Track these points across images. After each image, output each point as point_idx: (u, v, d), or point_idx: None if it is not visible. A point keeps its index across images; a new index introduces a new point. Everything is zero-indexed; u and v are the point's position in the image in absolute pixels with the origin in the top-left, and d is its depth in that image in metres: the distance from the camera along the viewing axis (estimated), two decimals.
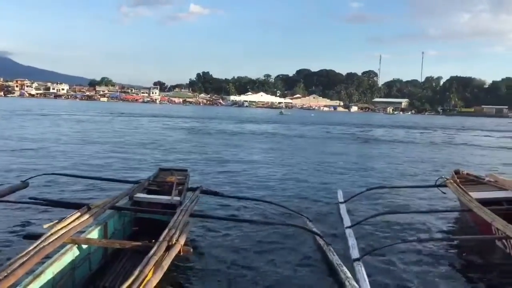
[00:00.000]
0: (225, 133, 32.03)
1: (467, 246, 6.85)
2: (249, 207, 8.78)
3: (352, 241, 6.41)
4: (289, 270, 5.72)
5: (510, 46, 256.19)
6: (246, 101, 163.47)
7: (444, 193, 9.18)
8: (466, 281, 5.67)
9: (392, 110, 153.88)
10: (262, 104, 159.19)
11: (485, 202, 7.46)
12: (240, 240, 6.80)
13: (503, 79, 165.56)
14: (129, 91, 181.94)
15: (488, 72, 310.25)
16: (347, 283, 4.85)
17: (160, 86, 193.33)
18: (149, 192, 7.29)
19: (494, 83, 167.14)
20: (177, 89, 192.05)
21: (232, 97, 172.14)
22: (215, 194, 8.16)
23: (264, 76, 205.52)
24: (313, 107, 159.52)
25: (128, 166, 13.80)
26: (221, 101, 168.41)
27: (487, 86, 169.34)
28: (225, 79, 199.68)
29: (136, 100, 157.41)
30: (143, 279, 3.59)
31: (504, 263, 6.13)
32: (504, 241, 6.15)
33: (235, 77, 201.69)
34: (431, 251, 6.58)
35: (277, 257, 6.14)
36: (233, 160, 16.65)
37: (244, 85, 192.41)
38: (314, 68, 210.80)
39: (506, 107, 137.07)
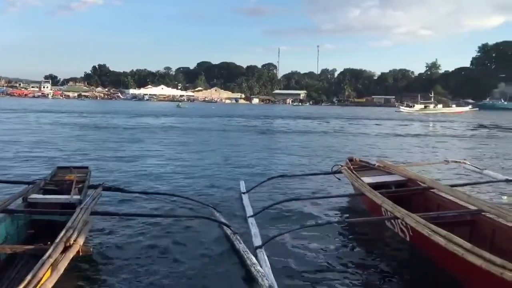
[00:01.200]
0: (124, 128, 30.99)
1: (361, 227, 7.37)
2: (155, 202, 8.63)
3: (254, 230, 6.60)
4: (197, 260, 5.78)
5: (396, 41, 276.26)
6: (147, 94, 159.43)
7: (339, 179, 9.77)
8: (360, 259, 6.10)
9: (292, 102, 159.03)
10: (164, 98, 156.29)
11: (375, 186, 8.06)
12: (145, 236, 6.69)
13: (390, 71, 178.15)
14: (17, 85, 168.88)
15: (377, 64, 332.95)
16: (252, 269, 5.03)
17: (52, 79, 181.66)
18: (46, 192, 6.90)
19: (382, 74, 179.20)
20: (71, 83, 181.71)
21: (132, 91, 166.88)
22: (119, 190, 7.93)
23: (165, 69, 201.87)
24: (215, 100, 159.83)
25: (19, 166, 12.87)
26: (119, 94, 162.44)
27: (376, 78, 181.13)
28: (124, 72, 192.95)
29: (26, 95, 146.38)
30: (37, 284, 3.42)
31: (392, 241, 6.68)
32: (392, 221, 6.69)
33: (134, 70, 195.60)
34: (327, 234, 6.98)
35: (185, 249, 6.16)
36: (135, 155, 16.22)
37: (143, 78, 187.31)
38: (215, 60, 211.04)
39: (393, 97, 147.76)
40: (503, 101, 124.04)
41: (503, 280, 3.76)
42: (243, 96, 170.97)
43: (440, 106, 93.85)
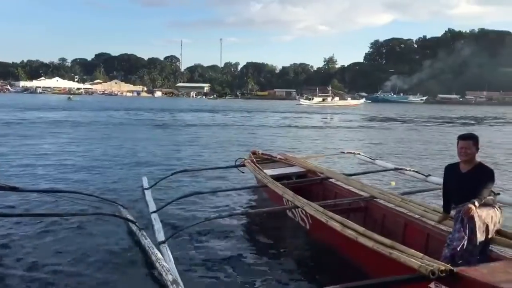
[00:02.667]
0: (9, 122, 28.57)
1: (264, 218, 7.56)
2: (57, 200, 8.12)
3: (157, 225, 6.51)
4: (102, 259, 5.61)
5: (296, 35, 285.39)
6: (40, 87, 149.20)
7: (243, 172, 9.91)
8: (262, 248, 6.25)
9: (196, 95, 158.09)
10: (59, 91, 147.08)
11: (277, 178, 8.31)
12: (46, 237, 6.32)
13: (291, 65, 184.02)
14: None
15: (279, 58, 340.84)
16: (157, 265, 4.98)
17: None
18: None
19: (284, 68, 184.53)
20: None
21: (23, 83, 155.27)
22: (13, 189, 7.32)
23: (60, 60, 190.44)
24: (116, 93, 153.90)
25: None
26: (9, 87, 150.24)
27: (278, 71, 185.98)
28: (13, 62, 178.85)
29: None
30: None
31: (294, 229, 6.94)
32: (293, 210, 6.96)
33: (25, 61, 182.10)
34: (231, 226, 7.08)
35: (89, 248, 5.93)
36: (27, 152, 15.15)
37: (36, 69, 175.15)
38: (115, 52, 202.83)
39: (294, 90, 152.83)
40: (392, 94, 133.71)
41: (392, 259, 4.06)
42: (145, 89, 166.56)
43: (337, 99, 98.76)
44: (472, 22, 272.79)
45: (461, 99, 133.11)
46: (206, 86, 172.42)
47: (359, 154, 10.90)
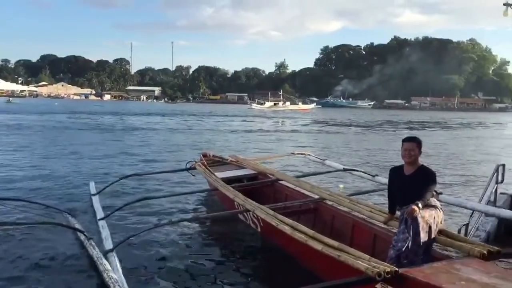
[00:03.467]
0: None
1: (215, 222, 7.52)
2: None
3: (105, 233, 6.31)
4: (49, 271, 5.38)
5: (248, 40, 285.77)
6: None
7: (194, 175, 9.82)
8: (214, 253, 6.22)
9: (146, 98, 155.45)
10: (1, 93, 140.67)
11: (228, 181, 8.28)
12: None
13: (243, 69, 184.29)
14: None
15: (231, 63, 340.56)
16: (105, 275, 4.81)
17: None
18: None
19: (236, 72, 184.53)
20: None
21: None
22: None
23: (2, 61, 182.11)
24: (62, 96, 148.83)
25: None
26: None
27: (230, 76, 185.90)
28: None
29: None
30: None
31: (245, 233, 6.94)
32: (244, 213, 6.94)
33: None
34: (182, 231, 6.99)
35: (35, 259, 5.67)
36: None
37: None
38: (61, 53, 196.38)
39: (246, 94, 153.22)
40: (342, 99, 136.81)
41: (340, 261, 4.13)
42: (93, 92, 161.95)
43: (288, 103, 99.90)
44: (417, 31, 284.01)
45: (406, 105, 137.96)
46: (157, 90, 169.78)
47: (309, 155, 11.06)
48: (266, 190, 8.37)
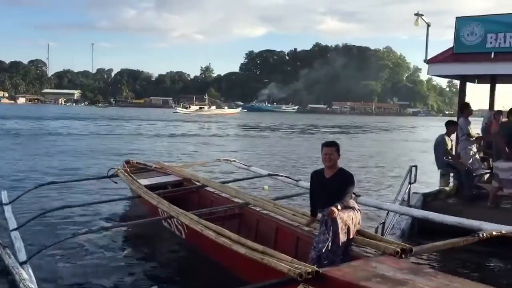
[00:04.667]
0: None
1: (139, 230, 7.34)
2: None
3: (18, 244, 5.93)
4: None
5: (173, 43, 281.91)
6: None
7: (116, 182, 9.51)
8: (138, 261, 6.07)
9: (65, 102, 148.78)
10: None
11: (152, 188, 8.12)
12: None
13: (167, 73, 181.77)
14: None
15: (155, 66, 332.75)
16: (21, 285, 4.58)
17: None
18: None
19: (160, 76, 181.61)
20: None
21: None
22: None
23: None
24: None
25: None
26: None
27: (154, 79, 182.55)
28: None
29: None
30: None
31: (170, 240, 6.85)
32: (169, 220, 6.83)
33: None
34: (103, 240, 6.77)
35: None
36: None
37: None
38: None
39: (171, 98, 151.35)
40: (267, 103, 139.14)
41: (264, 264, 4.20)
42: (6, 95, 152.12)
43: (213, 107, 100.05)
44: (338, 37, 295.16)
45: (328, 109, 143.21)
46: (76, 93, 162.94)
47: (234, 161, 11.11)
48: (191, 197, 8.31)
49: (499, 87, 10.55)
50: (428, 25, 9.13)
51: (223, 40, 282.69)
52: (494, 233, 4.92)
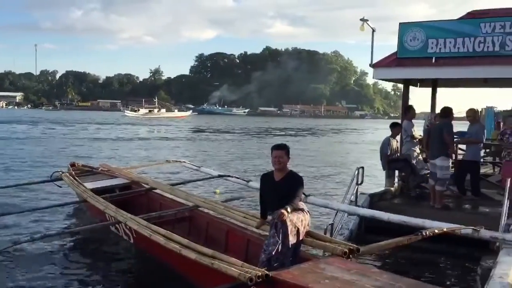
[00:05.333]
0: None
1: (85, 235, 7.11)
2: None
3: None
4: None
5: (121, 45, 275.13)
6: None
7: (60, 186, 9.19)
8: (84, 269, 5.88)
9: (6, 105, 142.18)
10: None
11: (99, 191, 7.89)
12: None
13: (115, 75, 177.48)
14: None
15: (102, 68, 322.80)
16: None
17: None
18: None
19: (108, 78, 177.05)
20: None
21: None
22: None
23: None
24: None
25: None
26: None
27: (101, 81, 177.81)
28: None
29: None
30: None
31: (118, 245, 6.68)
32: (116, 225, 6.64)
33: None
34: (47, 248, 6.50)
35: None
36: None
37: None
38: None
39: (119, 101, 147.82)
40: (217, 106, 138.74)
41: (213, 269, 4.16)
42: None
43: (163, 110, 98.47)
44: (288, 41, 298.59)
45: (278, 112, 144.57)
46: (18, 95, 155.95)
47: (184, 162, 11.00)
48: (140, 200, 8.14)
49: (440, 90, 11.02)
50: (373, 30, 9.37)
51: (173, 43, 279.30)
52: (436, 230, 5.12)
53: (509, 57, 7.91)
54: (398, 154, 8.71)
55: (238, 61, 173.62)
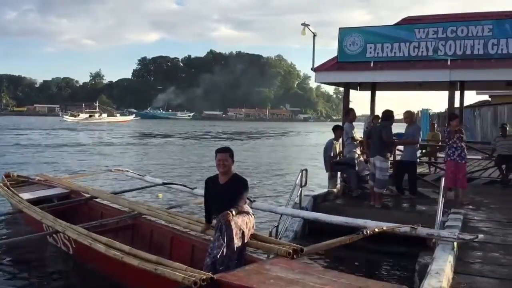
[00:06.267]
0: None
1: (21, 247, 6.75)
2: None
3: None
4: None
5: (60, 48, 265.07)
6: None
7: None
8: (21, 281, 5.59)
9: None
10: None
11: (36, 202, 7.55)
12: None
13: (53, 79, 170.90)
14: None
15: (39, 71, 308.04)
16: None
17: None
18: None
19: (45, 82, 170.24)
20: None
21: None
22: None
23: None
24: None
25: None
26: None
27: (38, 86, 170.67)
28: None
29: None
30: None
31: (56, 256, 6.40)
32: (54, 235, 6.38)
33: None
34: None
35: None
36: None
37: None
38: None
39: (58, 106, 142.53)
40: (162, 110, 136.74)
41: (157, 275, 4.08)
42: None
43: (105, 115, 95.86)
44: (233, 45, 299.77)
45: (224, 115, 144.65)
46: None
47: (127, 171, 10.74)
48: (80, 210, 7.86)
49: (380, 93, 11.42)
50: (314, 35, 9.59)
51: (115, 46, 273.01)
52: (376, 229, 5.28)
53: (441, 62, 8.35)
54: (341, 156, 8.95)
55: (182, 64, 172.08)
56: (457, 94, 10.42)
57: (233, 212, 4.49)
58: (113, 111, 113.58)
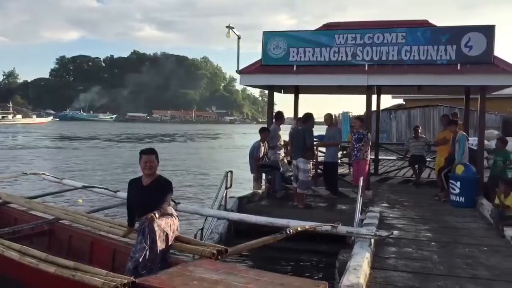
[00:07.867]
0: None
1: None
2: None
3: None
4: None
5: None
6: None
7: None
8: None
9: None
10: None
11: None
12: None
13: None
14: None
15: None
16: None
17: None
18: None
19: None
20: None
21: None
22: None
23: None
24: None
25: None
26: None
27: None
28: None
29: None
30: None
31: None
32: None
33: None
34: None
35: None
36: None
37: None
38: None
39: None
40: (82, 112, 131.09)
41: (76, 281, 3.92)
42: None
43: (19, 116, 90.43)
44: (158, 46, 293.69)
45: (148, 117, 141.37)
46: None
47: (44, 174, 10.18)
48: None
49: (303, 96, 11.75)
50: (239, 37, 9.69)
51: (31, 44, 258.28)
52: (299, 228, 5.43)
53: (359, 67, 8.75)
54: (267, 158, 9.09)
55: (104, 64, 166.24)
56: (374, 98, 10.99)
57: (157, 215, 4.42)
58: (29, 112, 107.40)
